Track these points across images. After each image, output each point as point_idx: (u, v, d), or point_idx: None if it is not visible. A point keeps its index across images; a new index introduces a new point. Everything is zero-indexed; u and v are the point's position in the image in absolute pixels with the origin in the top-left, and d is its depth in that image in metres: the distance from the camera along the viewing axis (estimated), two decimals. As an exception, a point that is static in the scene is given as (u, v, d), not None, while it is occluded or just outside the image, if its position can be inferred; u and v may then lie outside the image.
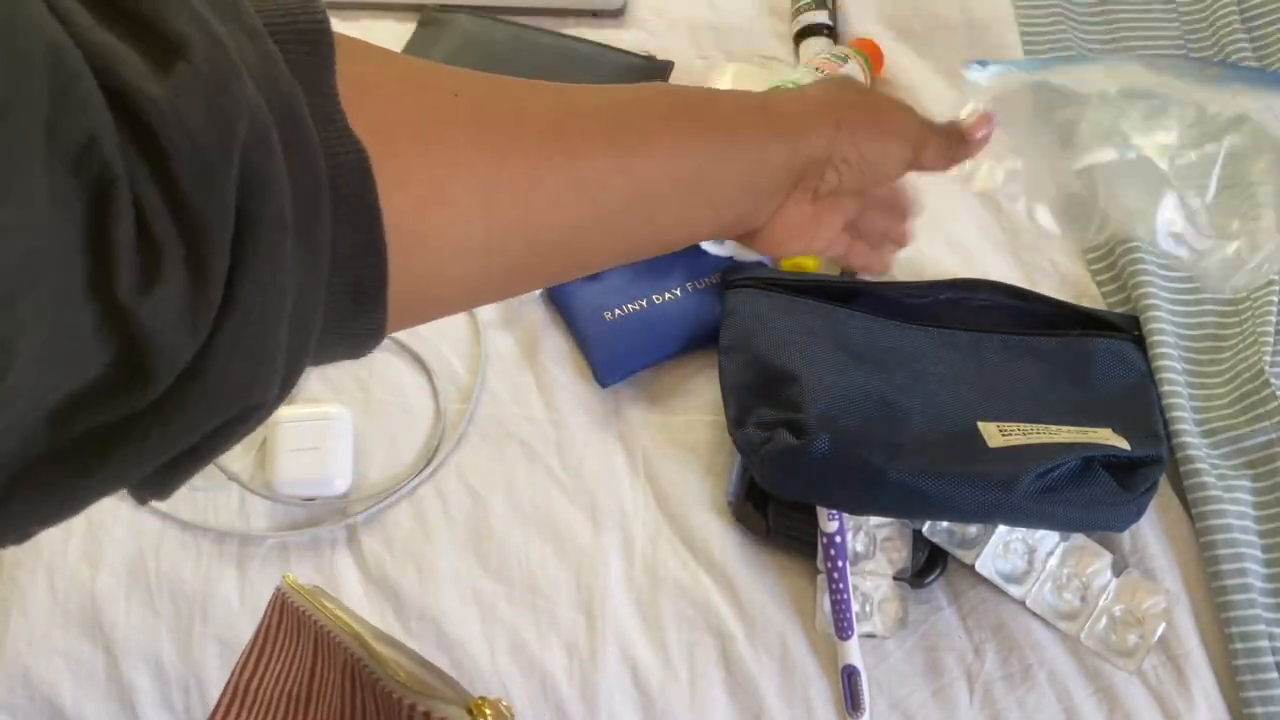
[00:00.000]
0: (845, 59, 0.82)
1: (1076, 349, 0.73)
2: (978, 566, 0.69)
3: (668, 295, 0.77)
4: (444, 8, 0.92)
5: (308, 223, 0.26)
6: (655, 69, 0.88)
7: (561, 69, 0.88)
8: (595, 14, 0.92)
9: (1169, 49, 0.87)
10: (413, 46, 0.91)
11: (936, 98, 0.86)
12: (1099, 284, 0.79)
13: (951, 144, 0.50)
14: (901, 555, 0.70)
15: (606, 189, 0.36)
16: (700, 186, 0.40)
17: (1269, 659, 0.65)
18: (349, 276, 0.28)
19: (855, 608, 0.68)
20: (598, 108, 0.37)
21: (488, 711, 0.40)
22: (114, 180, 0.21)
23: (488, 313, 0.81)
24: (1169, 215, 0.69)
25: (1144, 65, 0.75)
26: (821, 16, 0.88)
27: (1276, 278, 0.74)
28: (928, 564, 0.70)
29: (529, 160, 0.33)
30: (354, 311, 0.28)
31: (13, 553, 0.74)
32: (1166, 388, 0.72)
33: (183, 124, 0.22)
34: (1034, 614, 0.68)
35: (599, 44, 0.90)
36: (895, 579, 0.70)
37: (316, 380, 0.79)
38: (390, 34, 0.92)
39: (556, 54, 0.89)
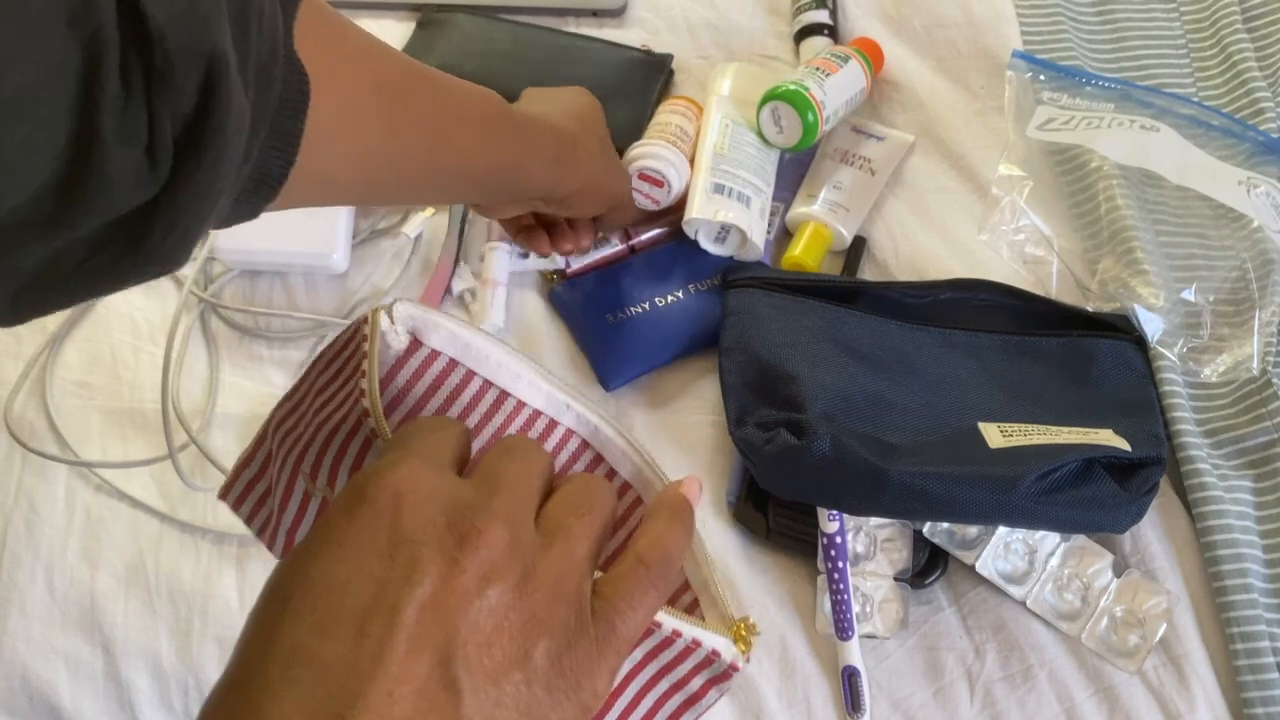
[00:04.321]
0: (845, 59, 0.82)
1: (1077, 349, 0.73)
2: (978, 567, 0.69)
3: (670, 298, 0.77)
4: (443, 8, 0.92)
5: (255, 121, 0.32)
6: (655, 61, 0.88)
7: (561, 64, 0.88)
8: (595, 13, 0.92)
9: (1170, 49, 0.87)
10: (413, 46, 0.91)
11: (937, 97, 0.86)
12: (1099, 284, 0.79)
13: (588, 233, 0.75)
14: (902, 556, 0.70)
15: (436, 144, 0.49)
16: (490, 174, 0.57)
17: (1270, 659, 0.65)
18: (261, 166, 0.35)
19: (856, 608, 0.68)
20: (465, 102, 0.53)
21: (750, 640, 0.37)
22: (106, 41, 0.25)
23: (489, 315, 0.81)
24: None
25: (1175, 129, 0.77)
26: (822, 16, 0.88)
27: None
28: (928, 565, 0.70)
29: (401, 112, 0.46)
30: (252, 189, 0.36)
31: (12, 552, 0.74)
32: (1167, 388, 0.72)
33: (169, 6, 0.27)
34: (1035, 615, 0.68)
35: (598, 39, 0.90)
36: (896, 580, 0.70)
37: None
38: (390, 34, 0.92)
39: (556, 50, 0.89)
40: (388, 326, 0.37)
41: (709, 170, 0.77)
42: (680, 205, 0.79)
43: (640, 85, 0.87)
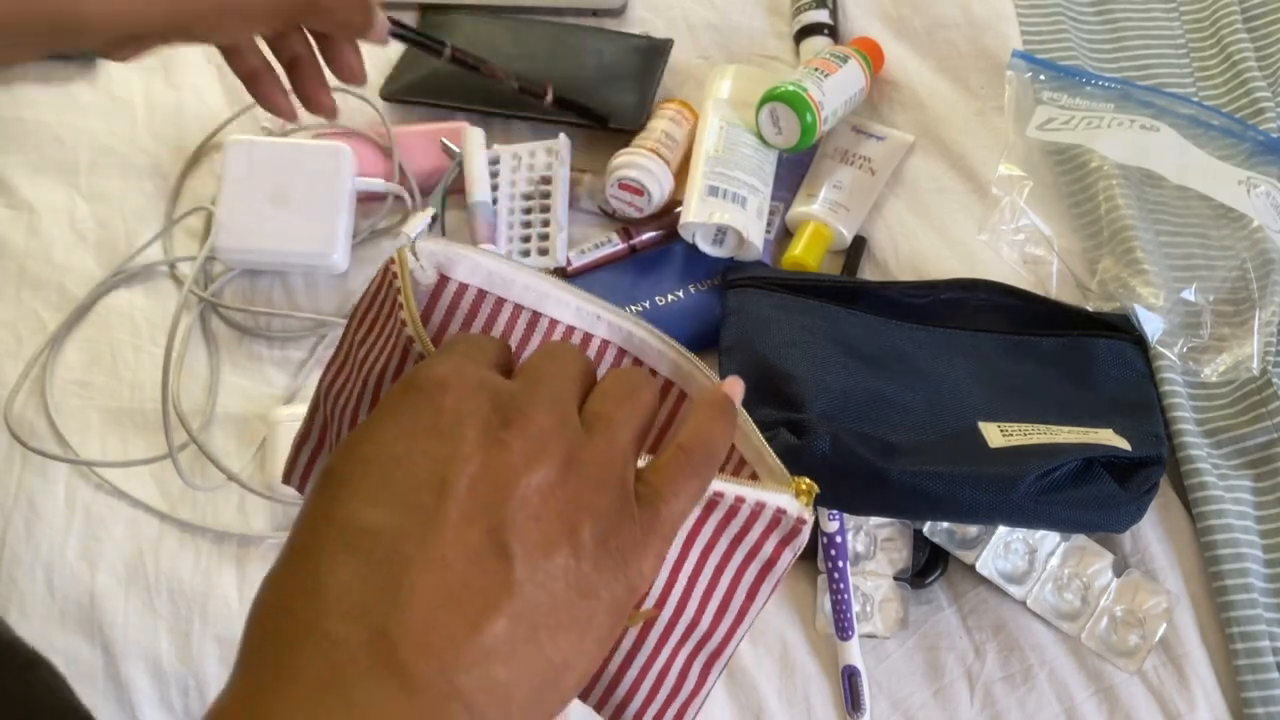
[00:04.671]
0: (845, 59, 0.82)
1: (1077, 349, 0.73)
2: (978, 567, 0.69)
3: (670, 297, 0.77)
4: (443, 7, 0.92)
5: None
6: (656, 46, 0.89)
7: (563, 56, 0.88)
8: (595, 13, 0.92)
9: (1170, 48, 0.87)
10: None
11: (937, 97, 0.86)
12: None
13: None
14: (902, 555, 0.70)
15: None
16: None
17: (1270, 659, 0.65)
18: None
19: (856, 608, 0.68)
20: None
21: (811, 494, 0.38)
22: None
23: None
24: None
25: (1176, 130, 0.77)
26: (822, 16, 0.88)
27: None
28: (928, 564, 0.70)
29: None
30: None
31: (11, 551, 0.74)
32: (1167, 388, 0.72)
33: None
34: (1035, 614, 0.68)
35: (599, 29, 0.90)
36: (896, 579, 0.70)
37: (316, 380, 0.79)
38: (390, 33, 0.92)
39: (557, 42, 0.89)
40: (414, 264, 0.38)
41: (704, 174, 0.77)
42: (677, 205, 0.79)
43: (642, 70, 0.87)
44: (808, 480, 0.37)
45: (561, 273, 0.80)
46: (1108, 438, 0.66)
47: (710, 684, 0.40)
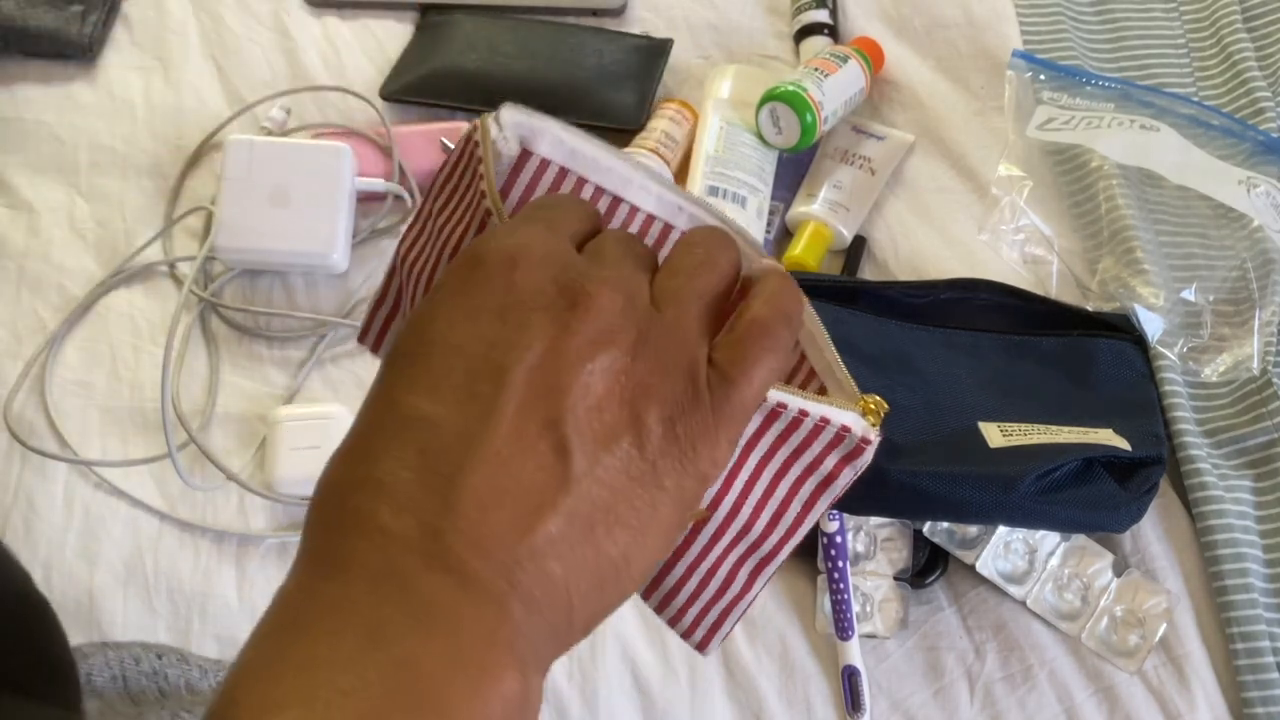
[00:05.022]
0: (845, 59, 0.82)
1: (1077, 349, 0.73)
2: (978, 567, 0.68)
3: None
4: (443, 8, 0.92)
5: None
6: (656, 45, 0.89)
7: (563, 57, 0.88)
8: (595, 13, 0.92)
9: (1170, 48, 0.87)
10: (413, 46, 0.91)
11: (937, 97, 0.86)
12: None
13: None
14: (902, 555, 0.70)
15: None
16: None
17: (1270, 659, 0.65)
18: None
19: (856, 608, 0.68)
20: None
21: (880, 413, 0.36)
22: None
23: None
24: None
25: (1177, 130, 0.77)
26: (822, 16, 0.88)
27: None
28: (928, 564, 0.70)
29: None
30: None
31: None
32: (1167, 388, 0.72)
33: None
34: (1035, 614, 0.68)
35: (599, 29, 0.90)
36: (896, 579, 0.69)
37: (317, 380, 0.79)
38: (390, 34, 0.92)
39: (557, 43, 0.89)
40: (497, 134, 0.36)
41: (704, 174, 0.77)
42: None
43: (642, 70, 0.87)
44: (876, 398, 0.35)
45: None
46: (1108, 438, 0.66)
47: (758, 588, 0.39)
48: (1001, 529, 0.69)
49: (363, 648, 0.24)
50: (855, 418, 0.35)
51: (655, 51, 0.88)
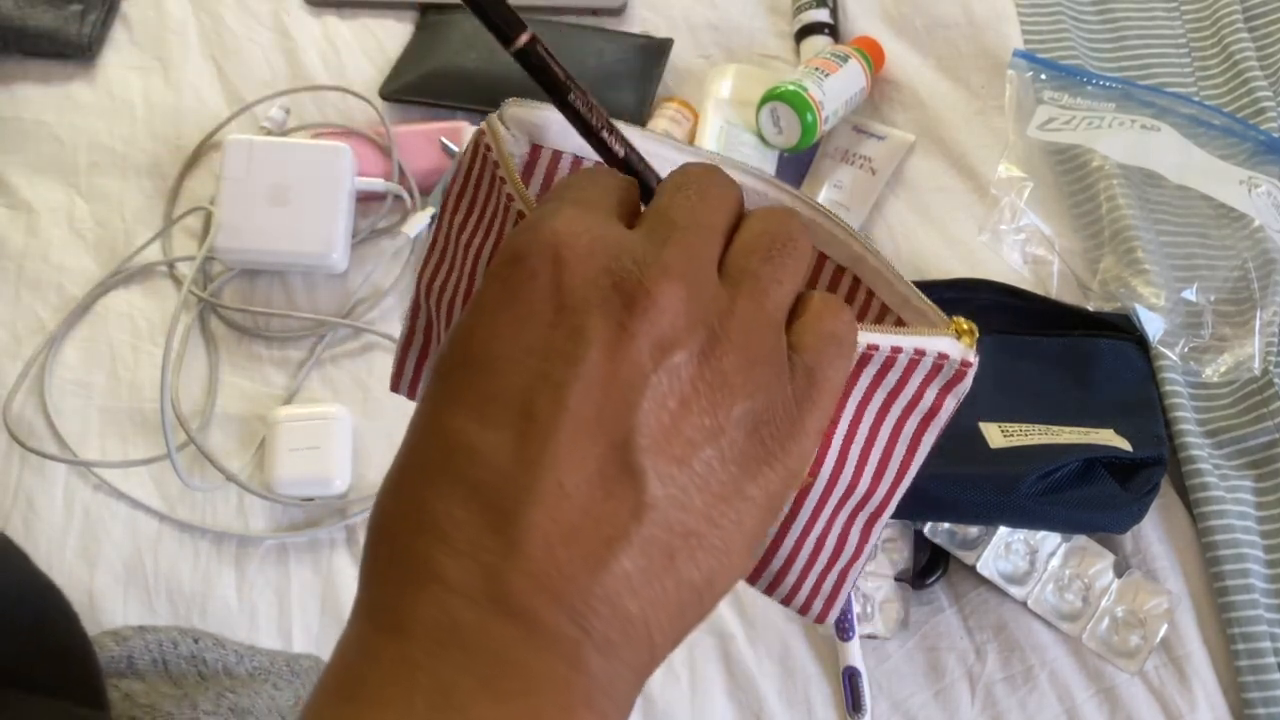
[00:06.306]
0: (845, 58, 0.82)
1: (1078, 349, 0.72)
2: (979, 567, 0.68)
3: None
4: (443, 8, 0.92)
5: None
6: (656, 45, 0.89)
7: (563, 56, 0.87)
8: (595, 12, 0.92)
9: (1171, 48, 0.87)
10: (413, 46, 0.91)
11: (938, 97, 0.86)
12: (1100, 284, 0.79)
13: None
14: (903, 556, 0.70)
15: None
16: None
17: (1271, 659, 0.65)
18: None
19: (856, 608, 0.68)
20: None
21: (974, 333, 0.33)
22: None
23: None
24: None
25: (1177, 130, 0.77)
26: (822, 15, 0.88)
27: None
28: (929, 565, 0.69)
29: None
30: None
31: (10, 553, 0.74)
32: (1168, 388, 0.72)
33: None
34: (1036, 615, 0.68)
35: (599, 29, 0.90)
36: (896, 580, 0.69)
37: (316, 380, 0.79)
38: (390, 33, 0.92)
39: (557, 42, 0.88)
40: (505, 133, 0.34)
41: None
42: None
43: (642, 70, 0.87)
44: (966, 319, 0.33)
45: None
46: (1109, 438, 0.65)
47: (872, 543, 0.37)
48: (1002, 530, 0.69)
49: (431, 717, 0.22)
50: (950, 342, 0.33)
51: (655, 51, 0.88)
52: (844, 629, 0.67)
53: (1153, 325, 0.73)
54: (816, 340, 0.27)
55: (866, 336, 0.31)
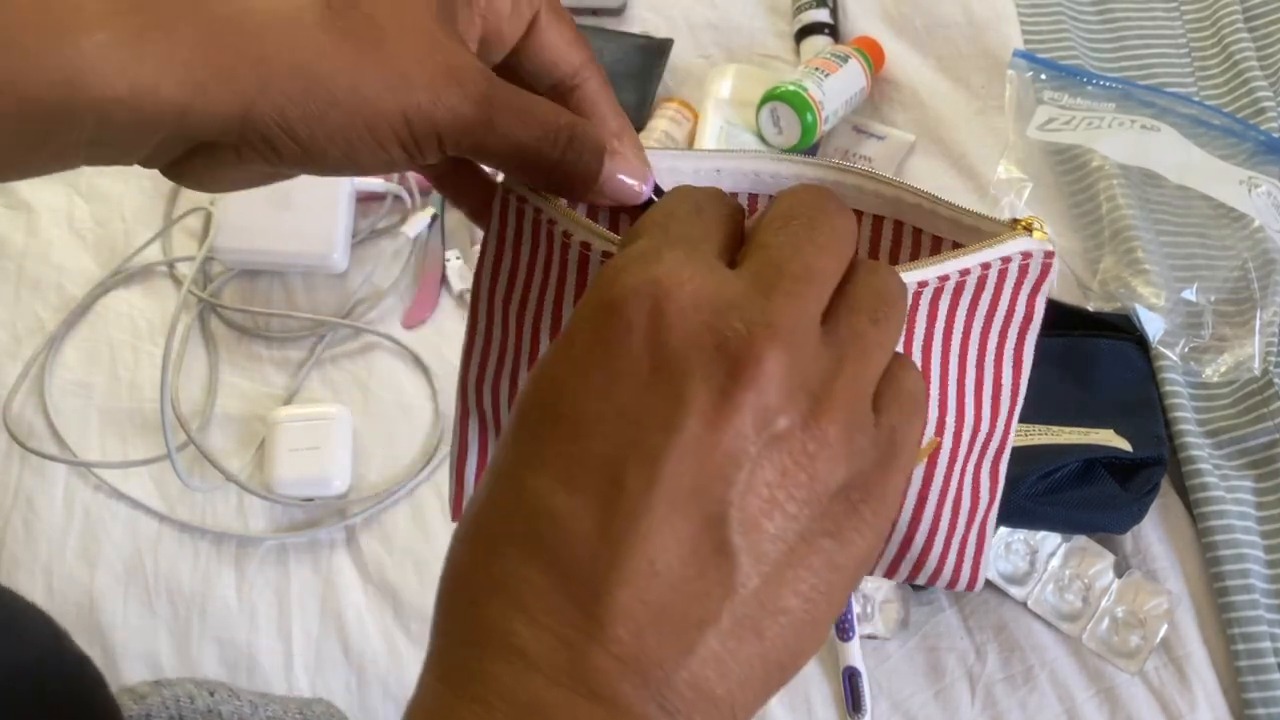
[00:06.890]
0: (845, 58, 0.82)
1: (1078, 349, 0.72)
2: (979, 567, 0.68)
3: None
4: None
5: None
6: (655, 45, 0.89)
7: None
8: (595, 12, 0.92)
9: (1171, 48, 0.87)
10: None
11: (938, 97, 0.86)
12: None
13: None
14: (902, 556, 0.70)
15: None
16: None
17: (1271, 660, 0.65)
18: None
19: (856, 609, 0.68)
20: None
21: (1043, 227, 0.32)
22: None
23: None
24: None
25: (1177, 130, 0.77)
26: (822, 15, 0.88)
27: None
28: (929, 565, 0.69)
29: None
30: None
31: (10, 552, 0.74)
32: (1168, 388, 0.72)
33: None
34: (1036, 615, 0.68)
35: (599, 29, 0.90)
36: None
37: (316, 380, 0.79)
38: (390, 32, 0.92)
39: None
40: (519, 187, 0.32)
41: (707, 171, 0.77)
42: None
43: (642, 69, 0.87)
44: (1026, 215, 0.32)
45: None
46: (1109, 438, 0.65)
47: (1001, 483, 0.35)
48: (1002, 530, 0.69)
49: None
50: (1025, 240, 0.31)
51: (655, 51, 0.88)
52: (844, 629, 0.67)
53: (1153, 325, 0.73)
54: (897, 400, 0.26)
55: (930, 270, 0.30)
